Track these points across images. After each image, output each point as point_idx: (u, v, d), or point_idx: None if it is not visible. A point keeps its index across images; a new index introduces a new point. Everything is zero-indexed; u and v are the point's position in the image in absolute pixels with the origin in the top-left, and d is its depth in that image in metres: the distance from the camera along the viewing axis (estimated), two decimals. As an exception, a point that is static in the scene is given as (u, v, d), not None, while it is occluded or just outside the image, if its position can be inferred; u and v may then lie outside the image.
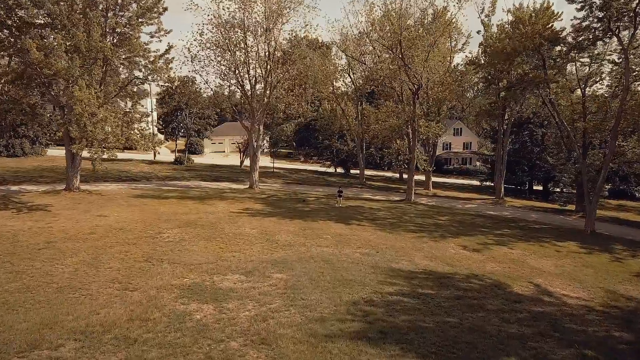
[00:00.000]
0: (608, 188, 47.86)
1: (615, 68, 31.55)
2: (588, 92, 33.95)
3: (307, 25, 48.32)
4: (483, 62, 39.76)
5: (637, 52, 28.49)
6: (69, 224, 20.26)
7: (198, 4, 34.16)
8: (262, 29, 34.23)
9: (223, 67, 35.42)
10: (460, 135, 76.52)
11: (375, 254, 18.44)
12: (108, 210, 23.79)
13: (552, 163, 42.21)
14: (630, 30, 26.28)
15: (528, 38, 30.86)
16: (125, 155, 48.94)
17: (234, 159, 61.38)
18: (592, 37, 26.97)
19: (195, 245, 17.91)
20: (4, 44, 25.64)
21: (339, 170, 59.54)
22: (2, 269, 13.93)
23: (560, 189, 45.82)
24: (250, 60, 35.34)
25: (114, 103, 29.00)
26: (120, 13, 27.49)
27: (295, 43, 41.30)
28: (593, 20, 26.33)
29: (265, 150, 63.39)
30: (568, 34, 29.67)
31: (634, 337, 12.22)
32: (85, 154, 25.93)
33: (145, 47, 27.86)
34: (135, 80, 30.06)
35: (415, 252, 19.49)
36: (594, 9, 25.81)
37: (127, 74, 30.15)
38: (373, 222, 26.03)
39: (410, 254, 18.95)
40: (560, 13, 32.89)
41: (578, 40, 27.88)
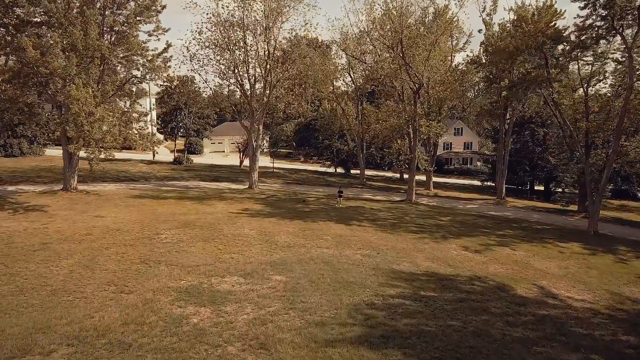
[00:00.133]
0: (610, 188, 47.51)
1: (619, 67, 31.37)
2: (591, 91, 33.69)
3: (307, 24, 48.04)
4: (484, 61, 39.52)
5: (640, 50, 28.26)
6: (65, 225, 20.01)
7: (197, 3, 33.80)
8: (261, 28, 33.99)
9: (222, 66, 35.27)
10: (461, 135, 76.27)
11: (376, 255, 18.17)
12: (105, 211, 23.56)
13: (554, 163, 41.92)
14: (634, 29, 26.05)
15: (530, 36, 30.64)
16: (124, 155, 48.72)
17: (234, 159, 61.08)
18: (595, 35, 26.74)
19: (193, 247, 17.63)
20: (1, 43, 25.44)
21: (339, 171, 59.26)
22: (-5, 271, 13.65)
23: (562, 189, 45.52)
24: (250, 60, 35.10)
25: (112, 102, 28.73)
26: (118, 11, 27.33)
27: (295, 42, 41.01)
28: (596, 19, 26.14)
29: (265, 150, 63.15)
30: (571, 33, 29.44)
31: (642, 341, 11.94)
32: (83, 154, 25.68)
33: (144, 45, 27.63)
34: (133, 79, 29.89)
35: (417, 253, 19.21)
36: (597, 7, 25.61)
37: (125, 73, 29.91)
38: (374, 222, 25.76)
39: (412, 255, 18.67)
40: (563, 11, 32.60)
41: (581, 39, 27.65)
